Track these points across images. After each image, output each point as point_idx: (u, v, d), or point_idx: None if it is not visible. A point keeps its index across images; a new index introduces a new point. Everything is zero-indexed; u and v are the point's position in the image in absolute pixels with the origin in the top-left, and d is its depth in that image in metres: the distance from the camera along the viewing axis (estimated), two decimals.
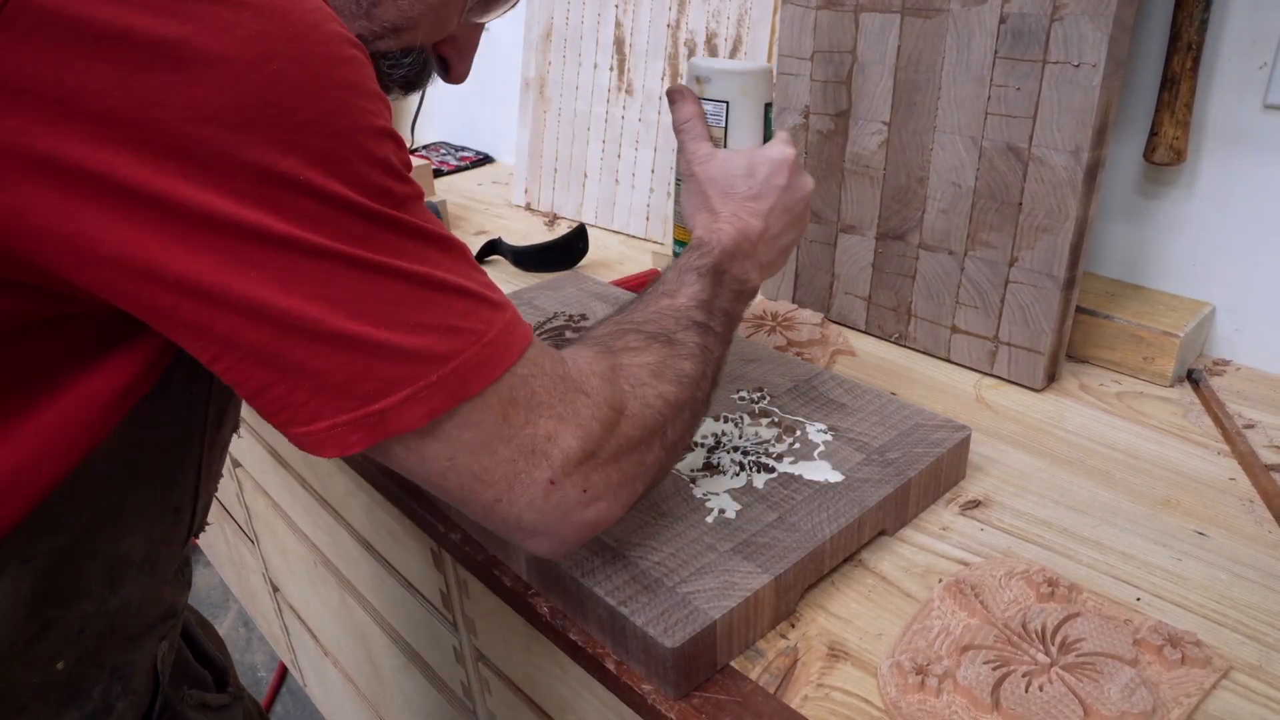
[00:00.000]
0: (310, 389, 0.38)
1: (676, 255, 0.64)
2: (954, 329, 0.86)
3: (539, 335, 0.85)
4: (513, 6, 0.57)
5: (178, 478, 0.50)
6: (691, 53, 1.15)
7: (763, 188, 0.62)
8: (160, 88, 0.33)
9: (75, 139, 0.33)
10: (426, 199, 0.98)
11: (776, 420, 0.69)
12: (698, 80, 0.66)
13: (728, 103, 0.64)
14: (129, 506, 0.47)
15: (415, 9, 0.50)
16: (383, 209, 0.38)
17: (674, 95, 0.66)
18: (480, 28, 0.59)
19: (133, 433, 0.45)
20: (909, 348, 0.90)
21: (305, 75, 0.36)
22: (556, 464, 0.43)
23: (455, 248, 0.42)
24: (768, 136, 0.67)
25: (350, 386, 0.39)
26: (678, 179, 0.66)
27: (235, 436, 0.58)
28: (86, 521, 0.45)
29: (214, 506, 1.57)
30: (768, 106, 0.66)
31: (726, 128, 0.65)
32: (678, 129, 0.65)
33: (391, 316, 0.39)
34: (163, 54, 0.33)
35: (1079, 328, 0.84)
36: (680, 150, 0.65)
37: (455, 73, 0.59)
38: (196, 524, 0.55)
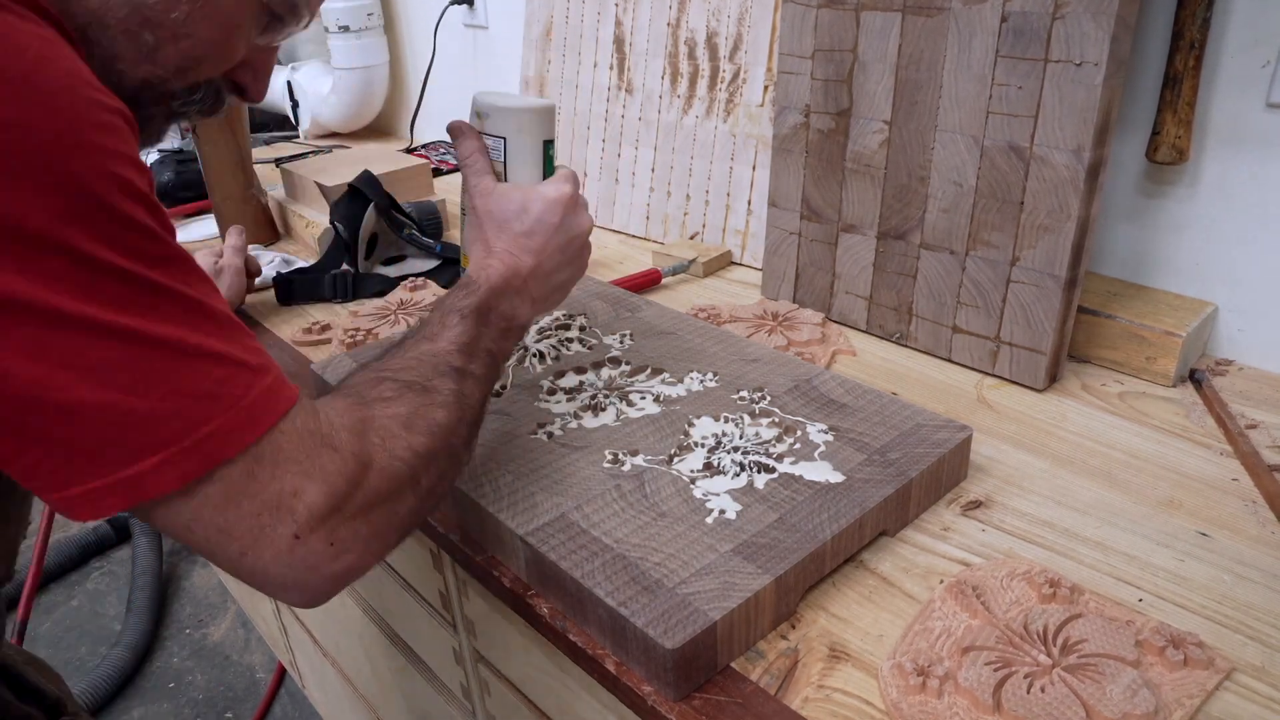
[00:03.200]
0: (60, 457, 0.38)
1: None
2: (955, 329, 0.86)
3: (540, 337, 0.85)
4: (303, 28, 0.58)
5: None
6: (691, 52, 1.15)
7: (535, 225, 0.62)
8: None
9: None
10: (426, 198, 0.95)
11: (777, 420, 0.69)
12: (478, 115, 0.66)
13: (505, 139, 0.65)
14: None
15: (197, 49, 0.51)
16: (140, 270, 0.39)
17: (454, 131, 0.66)
18: (273, 50, 0.60)
19: None
20: (910, 347, 0.90)
21: (53, 138, 0.36)
22: (301, 519, 0.44)
23: (217, 313, 0.43)
24: (549, 172, 0.66)
25: (102, 453, 0.39)
26: (463, 210, 0.67)
27: None
28: None
29: None
30: (548, 143, 0.66)
31: (505, 162, 0.65)
32: (461, 163, 0.66)
33: (144, 384, 0.39)
34: None
35: (1081, 327, 0.84)
36: (464, 184, 0.66)
37: (251, 94, 0.60)
38: None
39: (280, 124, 1.85)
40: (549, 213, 0.62)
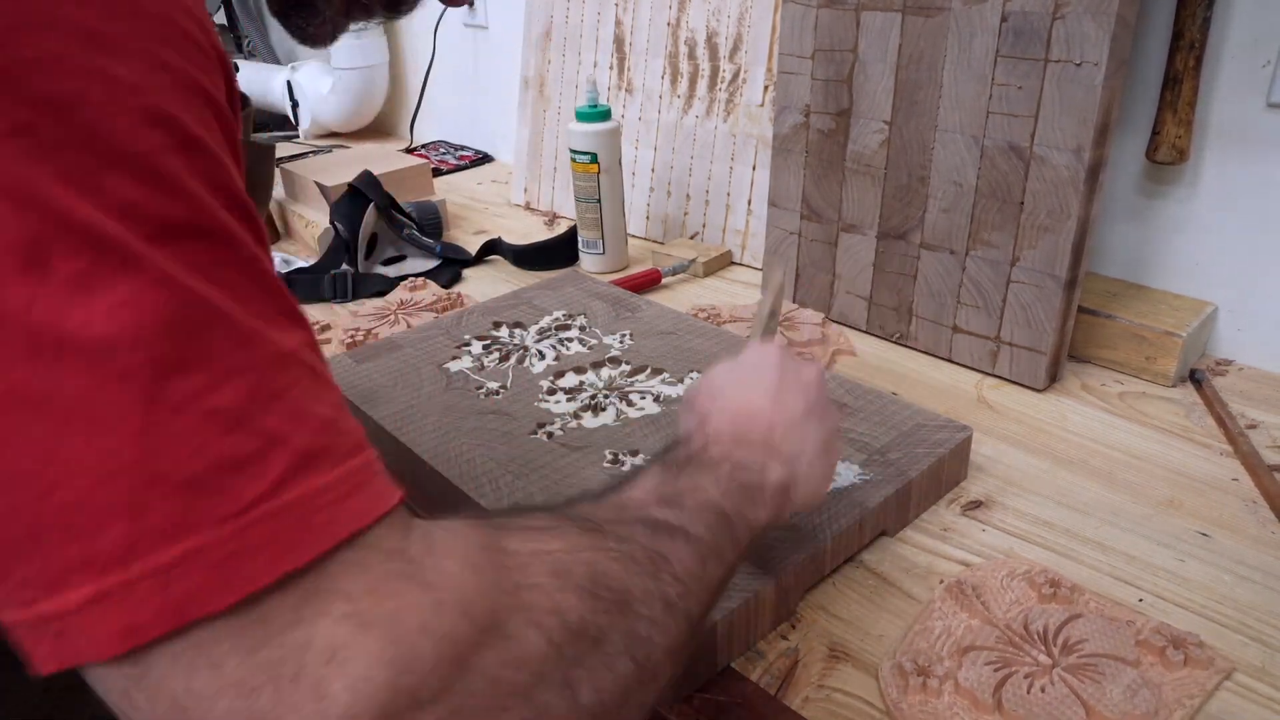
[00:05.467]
0: None
1: None
2: (955, 329, 0.86)
3: (540, 338, 0.85)
4: None
5: None
6: (691, 52, 1.15)
7: (751, 375, 0.49)
8: None
9: None
10: (426, 198, 0.85)
11: None
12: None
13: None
14: None
15: None
16: (116, 233, 0.23)
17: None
18: None
19: None
20: (910, 347, 0.90)
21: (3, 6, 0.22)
22: (335, 712, 0.23)
23: (261, 338, 0.25)
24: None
25: (10, 564, 0.23)
26: None
27: None
28: None
29: None
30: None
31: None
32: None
33: (82, 446, 0.22)
34: None
35: (1081, 328, 0.84)
36: None
37: None
38: None
39: (280, 124, 1.84)
40: (763, 364, 0.49)
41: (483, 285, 1.10)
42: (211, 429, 0.23)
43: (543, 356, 0.81)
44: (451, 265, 1.14)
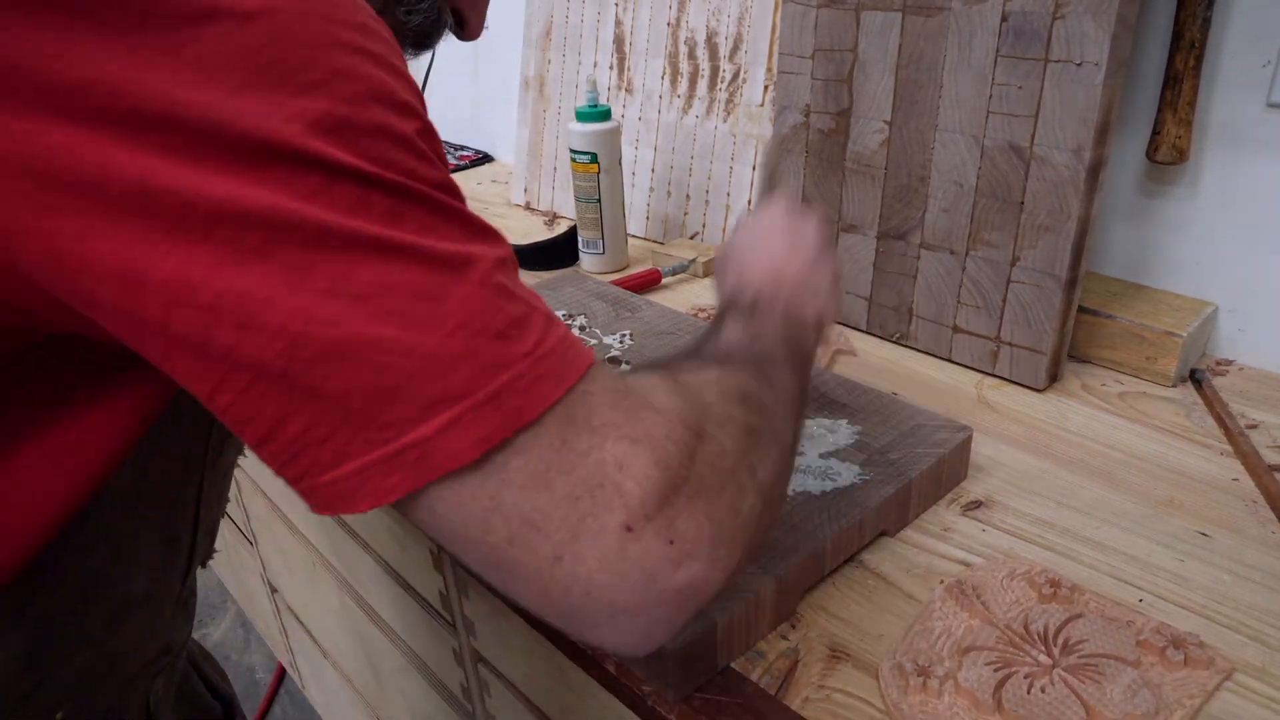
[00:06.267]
0: (332, 421, 0.30)
1: None
2: (955, 329, 0.86)
3: None
4: None
5: (177, 506, 0.48)
6: (691, 52, 1.15)
7: (772, 234, 0.58)
8: (140, 49, 0.28)
9: (36, 119, 0.27)
10: None
11: None
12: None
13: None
14: (133, 543, 0.45)
15: None
16: (410, 183, 0.32)
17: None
18: None
19: (141, 464, 0.42)
20: (910, 347, 0.90)
21: (312, 30, 0.30)
22: (634, 501, 0.32)
23: (508, 255, 0.35)
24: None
25: (379, 410, 0.30)
26: None
27: (240, 458, 0.57)
28: (91, 569, 0.42)
29: None
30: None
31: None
32: None
33: (428, 314, 0.31)
34: (150, 9, 0.28)
35: (1081, 327, 0.84)
36: None
37: (470, 28, 0.56)
38: (198, 553, 0.53)
39: None
40: (775, 221, 0.58)
41: None
42: (501, 298, 0.33)
43: None
44: None
